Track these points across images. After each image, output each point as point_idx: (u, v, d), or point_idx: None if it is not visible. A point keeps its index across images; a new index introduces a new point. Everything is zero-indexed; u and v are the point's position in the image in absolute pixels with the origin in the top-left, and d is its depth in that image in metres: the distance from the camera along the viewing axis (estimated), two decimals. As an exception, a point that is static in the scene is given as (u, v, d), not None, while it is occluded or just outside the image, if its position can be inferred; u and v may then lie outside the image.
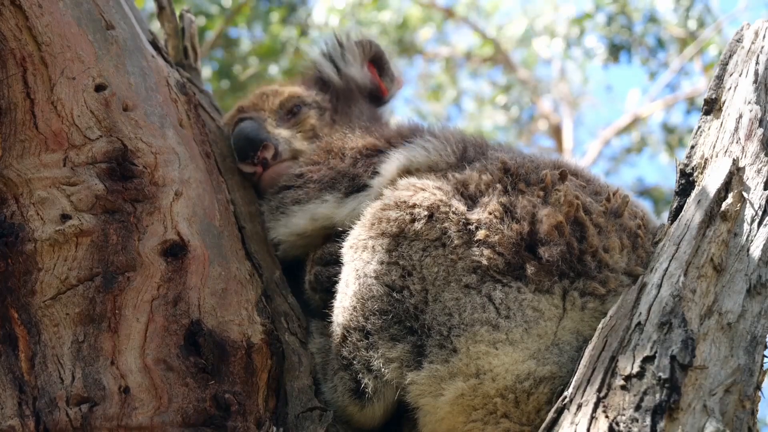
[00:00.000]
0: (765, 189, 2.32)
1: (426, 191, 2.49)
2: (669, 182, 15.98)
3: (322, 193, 2.82)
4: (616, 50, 14.33)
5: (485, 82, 17.79)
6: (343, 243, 2.58)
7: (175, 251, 2.60)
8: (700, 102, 2.75)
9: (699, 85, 14.91)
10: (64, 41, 2.62)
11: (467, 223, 2.42)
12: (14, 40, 2.55)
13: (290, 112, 3.24)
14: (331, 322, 2.57)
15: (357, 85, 3.35)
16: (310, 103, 3.27)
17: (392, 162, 2.73)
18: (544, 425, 2.16)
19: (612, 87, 26.47)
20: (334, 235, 2.70)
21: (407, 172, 2.69)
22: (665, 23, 14.22)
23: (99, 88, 2.66)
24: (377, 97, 3.42)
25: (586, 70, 16.94)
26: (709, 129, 2.55)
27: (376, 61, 3.44)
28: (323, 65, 3.37)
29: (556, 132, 16.09)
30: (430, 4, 15.76)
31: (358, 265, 2.49)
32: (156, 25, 3.71)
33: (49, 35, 2.59)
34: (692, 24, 13.95)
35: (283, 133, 3.14)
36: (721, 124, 2.51)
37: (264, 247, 2.87)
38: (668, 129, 15.78)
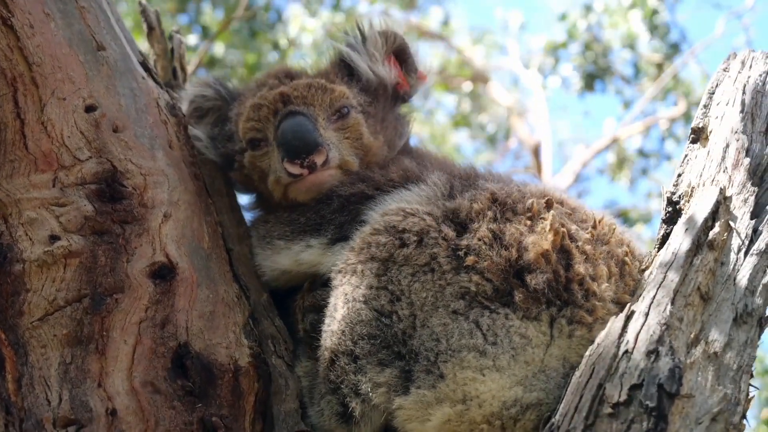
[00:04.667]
0: (751, 218, 2.34)
1: (416, 216, 2.50)
2: (640, 204, 16.10)
3: (306, 236, 2.78)
4: (590, 79, 14.46)
5: (458, 100, 17.88)
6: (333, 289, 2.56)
7: (163, 273, 2.60)
8: (675, 127, 2.76)
9: (675, 111, 15.08)
10: (55, 62, 2.62)
11: (456, 248, 2.42)
12: (5, 60, 2.54)
13: (338, 113, 2.95)
14: (318, 345, 2.57)
15: (387, 82, 3.13)
16: (356, 106, 3.00)
17: (377, 211, 2.67)
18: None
19: (590, 112, 26.70)
20: (320, 277, 2.71)
21: None
22: (640, 49, 14.34)
23: (89, 108, 2.65)
24: (398, 94, 3.20)
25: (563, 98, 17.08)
26: (696, 157, 2.56)
27: (399, 54, 3.19)
28: (357, 60, 3.10)
29: (534, 152, 16.14)
30: (405, 22, 15.76)
31: (346, 289, 2.49)
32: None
33: (40, 56, 2.59)
34: (663, 50, 14.10)
35: (332, 137, 2.90)
36: (708, 153, 2.53)
37: (251, 270, 2.86)
38: (644, 154, 15.95)
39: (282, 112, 2.90)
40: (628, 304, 2.26)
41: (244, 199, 3.18)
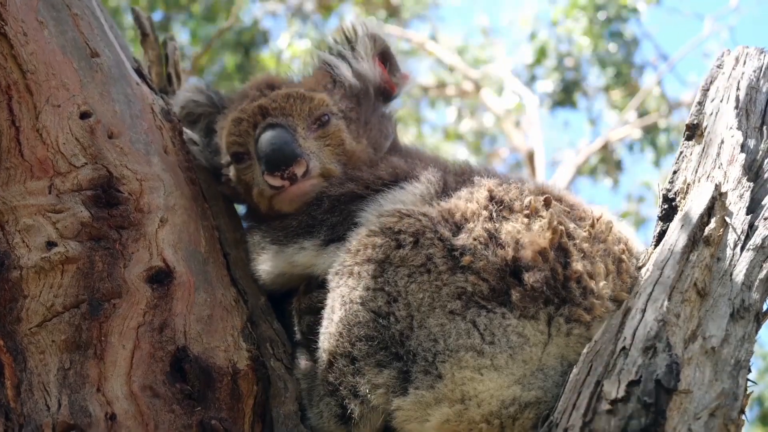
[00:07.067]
0: (747, 214, 2.35)
1: (411, 217, 2.50)
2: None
3: (299, 239, 2.77)
4: (562, 95, 14.57)
5: (451, 111, 17.95)
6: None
7: (160, 278, 2.60)
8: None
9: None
10: (49, 69, 2.63)
11: (452, 249, 2.42)
12: (-1, 68, 2.56)
13: (318, 121, 2.94)
14: (316, 347, 2.57)
15: (370, 85, 3.13)
16: (336, 112, 2.98)
17: (372, 213, 2.66)
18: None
19: (569, 123, 26.82)
20: (316, 279, 2.71)
21: None
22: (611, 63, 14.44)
23: (84, 115, 2.66)
24: (386, 94, 3.20)
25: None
26: (691, 154, 2.57)
27: (383, 56, 3.19)
28: (339, 66, 3.10)
29: (529, 159, 16.15)
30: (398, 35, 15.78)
31: (343, 291, 2.49)
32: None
33: (34, 63, 2.60)
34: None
35: (312, 146, 2.90)
36: (703, 150, 2.53)
37: (249, 273, 2.85)
38: (616, 162, 16.11)
39: (261, 124, 2.91)
40: (625, 301, 2.26)
41: (240, 207, 3.18)
